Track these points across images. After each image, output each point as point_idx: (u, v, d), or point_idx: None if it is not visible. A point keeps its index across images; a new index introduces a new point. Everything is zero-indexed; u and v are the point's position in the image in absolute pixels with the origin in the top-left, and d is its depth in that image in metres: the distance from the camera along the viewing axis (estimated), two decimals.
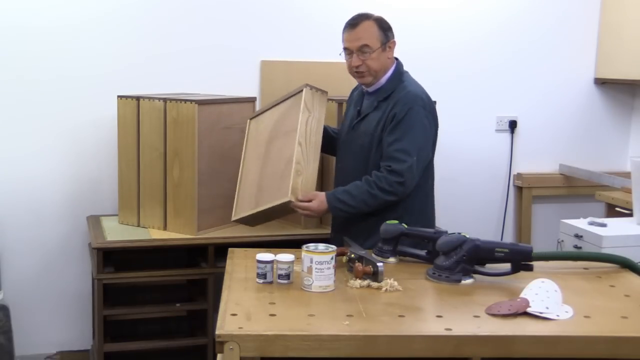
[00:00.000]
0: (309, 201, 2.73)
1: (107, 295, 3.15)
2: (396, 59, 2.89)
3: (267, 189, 2.90)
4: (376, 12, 2.91)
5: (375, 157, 2.76)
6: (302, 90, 2.90)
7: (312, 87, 2.92)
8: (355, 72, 2.83)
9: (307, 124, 2.86)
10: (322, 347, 1.80)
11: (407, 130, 2.69)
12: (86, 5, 3.58)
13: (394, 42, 2.83)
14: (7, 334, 3.02)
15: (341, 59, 2.92)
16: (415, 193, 2.76)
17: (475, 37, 4.19)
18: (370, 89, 2.84)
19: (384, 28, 2.80)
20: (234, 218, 3.03)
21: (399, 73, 2.84)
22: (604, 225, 3.38)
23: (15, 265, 3.61)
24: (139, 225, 3.38)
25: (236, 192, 3.07)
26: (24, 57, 3.52)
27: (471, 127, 4.25)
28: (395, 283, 2.17)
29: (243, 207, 3.00)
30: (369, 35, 2.77)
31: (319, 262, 2.12)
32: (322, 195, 2.74)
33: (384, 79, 2.81)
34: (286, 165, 2.81)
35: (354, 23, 2.81)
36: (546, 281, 2.09)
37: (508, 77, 4.28)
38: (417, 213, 2.79)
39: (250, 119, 3.23)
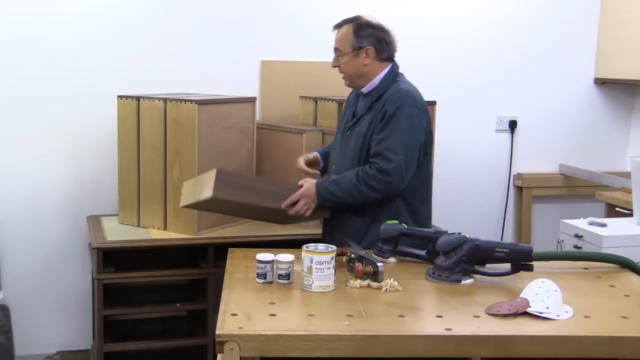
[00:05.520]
0: (301, 187, 2.71)
1: (107, 295, 3.14)
2: (393, 61, 2.87)
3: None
4: (375, 15, 2.90)
5: (368, 158, 2.74)
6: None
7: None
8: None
9: None
10: (322, 347, 1.80)
11: (395, 127, 2.66)
12: (86, 5, 3.58)
13: (372, 49, 2.77)
14: (7, 334, 3.02)
15: None
16: (409, 194, 2.74)
17: (475, 37, 4.19)
18: (365, 90, 2.83)
19: (361, 34, 2.77)
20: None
21: (394, 74, 2.82)
22: (604, 225, 3.38)
23: (15, 265, 3.61)
24: (139, 225, 3.38)
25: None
26: (24, 57, 3.52)
27: (471, 127, 4.26)
28: (395, 283, 2.17)
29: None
30: (341, 39, 2.80)
31: (319, 262, 2.12)
32: (312, 182, 2.73)
33: (377, 80, 2.79)
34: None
35: (337, 25, 2.84)
36: (546, 281, 2.09)
37: (508, 77, 4.28)
38: (410, 214, 2.75)
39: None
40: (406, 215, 2.73)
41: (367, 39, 2.76)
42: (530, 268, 2.26)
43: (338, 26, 2.83)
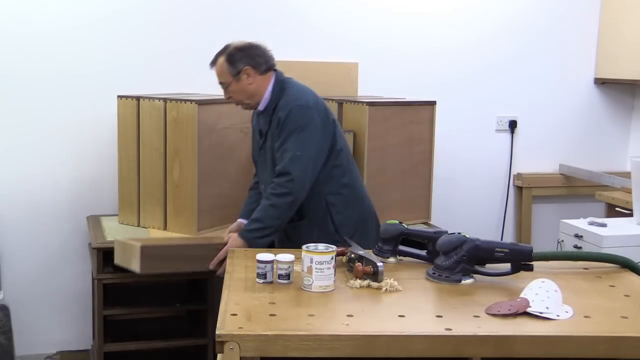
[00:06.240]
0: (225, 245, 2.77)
1: (107, 295, 3.15)
2: (275, 70, 2.89)
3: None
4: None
5: None
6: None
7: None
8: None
9: None
10: (322, 347, 1.80)
11: (290, 131, 2.72)
12: (86, 5, 3.58)
13: (249, 68, 2.80)
14: (7, 334, 3.01)
15: (341, 59, 2.93)
16: (332, 189, 2.82)
17: (476, 37, 4.19)
18: (261, 107, 2.87)
19: (233, 61, 2.81)
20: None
21: (280, 82, 2.86)
22: (604, 225, 3.37)
23: (15, 265, 3.61)
24: (139, 225, 3.38)
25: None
26: (24, 57, 3.53)
27: (471, 127, 4.26)
28: (395, 283, 2.17)
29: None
30: (220, 72, 2.86)
31: (319, 262, 2.12)
32: (234, 236, 2.76)
33: (267, 93, 2.84)
34: None
35: (211, 62, 2.89)
36: (546, 281, 2.08)
37: (508, 77, 4.28)
38: (343, 207, 2.84)
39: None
40: (338, 203, 2.84)
41: (241, 61, 2.81)
42: (530, 268, 2.26)
43: (213, 63, 2.88)
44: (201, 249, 2.84)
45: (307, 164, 2.71)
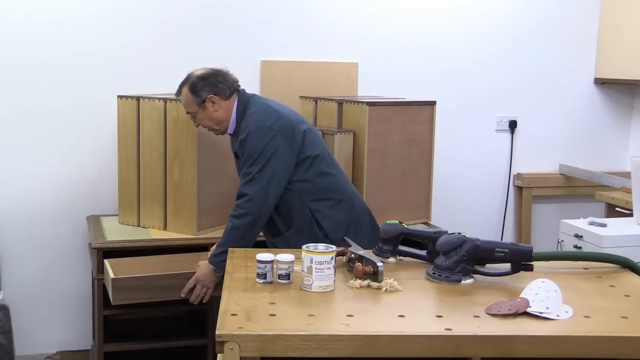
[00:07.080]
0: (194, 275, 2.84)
1: (107, 295, 3.14)
2: (237, 90, 2.89)
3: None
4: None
5: None
6: None
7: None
8: None
9: None
10: (322, 347, 1.80)
11: (249, 153, 2.75)
12: (86, 5, 3.58)
13: (213, 96, 2.82)
14: (7, 334, 3.02)
15: (341, 58, 2.92)
16: (313, 196, 2.83)
17: (476, 37, 4.19)
18: (230, 131, 2.89)
19: (196, 90, 2.83)
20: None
21: (242, 103, 2.87)
22: (604, 225, 3.37)
23: (15, 265, 3.61)
24: (139, 225, 3.38)
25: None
26: (24, 57, 3.53)
27: (471, 127, 4.26)
28: (395, 283, 2.17)
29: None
30: (186, 103, 2.89)
31: (319, 262, 2.12)
32: (204, 263, 2.83)
33: (233, 117, 2.86)
34: None
35: (176, 92, 2.92)
36: (546, 281, 2.08)
37: (508, 77, 4.28)
38: (329, 211, 2.84)
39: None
40: (322, 208, 2.84)
41: (204, 90, 2.83)
42: (530, 268, 2.26)
43: (178, 93, 2.91)
44: (173, 279, 2.91)
45: (266, 183, 2.72)
